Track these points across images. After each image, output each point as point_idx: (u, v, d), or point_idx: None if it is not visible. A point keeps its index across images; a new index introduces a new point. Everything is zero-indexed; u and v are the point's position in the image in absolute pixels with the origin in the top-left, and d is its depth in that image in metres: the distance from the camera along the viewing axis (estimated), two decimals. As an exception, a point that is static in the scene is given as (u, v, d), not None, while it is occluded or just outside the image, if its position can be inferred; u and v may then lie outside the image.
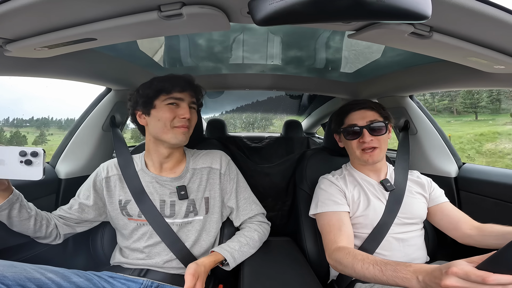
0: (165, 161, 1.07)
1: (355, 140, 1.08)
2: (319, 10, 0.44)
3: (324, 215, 1.06)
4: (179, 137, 0.99)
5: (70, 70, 1.11)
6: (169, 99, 0.99)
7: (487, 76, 1.02)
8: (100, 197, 1.07)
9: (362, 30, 0.69)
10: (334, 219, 1.03)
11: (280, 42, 1.32)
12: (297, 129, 2.87)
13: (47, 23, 0.65)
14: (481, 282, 0.53)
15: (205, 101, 1.68)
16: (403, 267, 0.70)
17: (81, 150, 1.35)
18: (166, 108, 0.99)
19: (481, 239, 0.95)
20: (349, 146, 1.13)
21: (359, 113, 1.09)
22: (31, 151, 0.80)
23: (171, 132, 0.99)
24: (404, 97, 1.58)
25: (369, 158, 1.05)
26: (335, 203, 1.06)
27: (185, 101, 1.01)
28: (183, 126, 1.00)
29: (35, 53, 0.81)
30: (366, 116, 1.08)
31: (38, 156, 0.80)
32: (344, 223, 1.01)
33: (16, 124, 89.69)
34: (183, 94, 1.01)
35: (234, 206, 1.13)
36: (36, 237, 0.99)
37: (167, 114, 0.98)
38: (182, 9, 0.59)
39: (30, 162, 0.80)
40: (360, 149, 1.07)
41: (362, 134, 1.06)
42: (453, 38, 0.70)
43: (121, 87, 1.43)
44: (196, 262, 0.91)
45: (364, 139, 1.05)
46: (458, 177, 1.40)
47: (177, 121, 0.99)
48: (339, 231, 0.98)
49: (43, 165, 0.80)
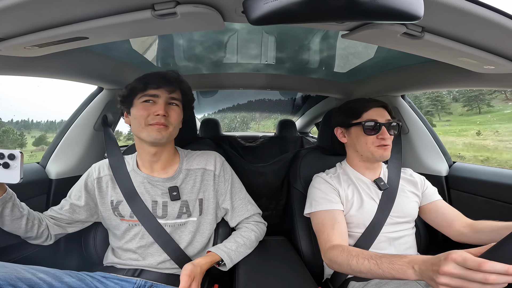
0: (154, 161, 1.05)
1: (372, 136, 1.08)
2: (313, 10, 0.44)
3: (318, 213, 1.06)
4: (153, 135, 0.95)
5: (61, 69, 1.09)
6: (144, 96, 0.98)
7: (478, 76, 1.03)
8: (92, 198, 1.06)
9: (356, 30, 0.70)
10: (327, 217, 1.03)
11: (274, 41, 1.33)
12: (291, 129, 2.88)
13: (38, 21, 0.64)
14: (477, 268, 0.54)
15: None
16: (398, 259, 0.71)
17: (72, 150, 1.33)
18: (141, 106, 0.97)
19: (474, 236, 0.97)
20: (361, 141, 1.10)
21: (379, 110, 1.10)
22: (9, 153, 0.78)
23: (146, 130, 0.96)
24: (396, 97, 1.59)
25: (383, 153, 1.06)
26: (329, 202, 1.06)
27: (161, 98, 0.97)
28: (157, 123, 0.96)
29: (25, 52, 0.79)
30: (385, 114, 1.09)
31: (15, 159, 0.78)
32: (337, 221, 1.02)
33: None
34: (158, 90, 0.98)
35: (229, 207, 1.12)
36: (27, 237, 0.97)
37: (141, 112, 0.96)
38: (176, 8, 0.59)
39: (7, 165, 0.78)
40: (375, 145, 1.07)
41: (381, 131, 1.07)
42: (444, 38, 0.71)
43: (113, 86, 1.41)
44: (192, 262, 0.91)
45: (383, 136, 1.06)
46: (448, 176, 1.42)
47: (151, 118, 0.96)
48: (332, 230, 0.99)
49: (21, 168, 0.79)
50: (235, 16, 0.66)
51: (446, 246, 1.12)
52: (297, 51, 1.44)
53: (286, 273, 0.99)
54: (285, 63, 1.63)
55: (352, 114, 1.13)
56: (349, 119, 1.14)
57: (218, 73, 1.78)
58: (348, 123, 1.14)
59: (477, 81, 1.09)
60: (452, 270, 0.57)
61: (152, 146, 1.01)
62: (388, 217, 1.05)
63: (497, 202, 1.18)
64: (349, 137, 1.16)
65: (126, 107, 1.02)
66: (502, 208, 1.15)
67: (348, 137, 1.17)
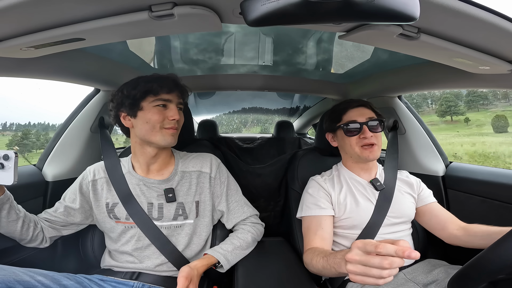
0: (151, 162, 1.05)
1: (354, 136, 1.08)
2: (310, 11, 0.44)
3: (306, 218, 1.09)
4: (168, 139, 0.98)
5: (57, 71, 1.09)
6: (157, 100, 0.96)
7: (473, 76, 1.04)
8: (87, 200, 1.05)
9: (352, 31, 0.71)
10: (313, 223, 1.06)
11: (271, 42, 1.33)
12: (288, 130, 2.88)
13: (34, 22, 0.64)
14: (374, 251, 0.59)
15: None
16: (339, 253, 0.77)
17: (68, 152, 1.32)
18: (155, 110, 0.96)
19: (467, 239, 0.98)
20: (346, 144, 1.12)
21: (358, 110, 1.10)
22: (3, 154, 0.77)
23: (160, 134, 0.97)
24: (393, 97, 1.60)
25: (369, 154, 1.06)
26: (318, 207, 1.08)
27: (173, 102, 0.99)
28: (172, 127, 0.98)
29: (21, 53, 0.79)
30: (365, 113, 1.09)
31: (9, 160, 0.77)
32: (321, 227, 1.04)
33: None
34: (171, 95, 0.99)
35: (225, 209, 1.12)
36: (22, 240, 0.96)
37: (156, 116, 0.95)
38: (173, 9, 0.59)
39: (1, 166, 0.77)
40: (359, 146, 1.08)
41: (362, 130, 1.07)
42: (440, 39, 0.72)
43: (110, 88, 1.40)
44: (189, 265, 0.90)
45: (365, 135, 1.06)
46: (445, 175, 1.43)
47: (166, 122, 0.97)
48: (315, 235, 1.02)
49: (15, 169, 0.77)
50: (233, 17, 0.67)
51: (444, 247, 1.13)
52: (294, 52, 1.44)
53: (284, 274, 0.99)
54: (282, 64, 1.63)
55: (335, 118, 1.15)
56: (333, 123, 1.16)
57: (215, 75, 1.78)
58: (333, 127, 1.16)
59: (472, 82, 1.10)
60: (354, 256, 0.62)
61: (157, 148, 1.02)
62: (385, 218, 1.06)
63: (494, 202, 1.19)
64: (337, 141, 1.19)
65: (131, 109, 0.98)
66: (499, 207, 1.16)
67: (337, 141, 1.19)
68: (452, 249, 1.06)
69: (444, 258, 1.07)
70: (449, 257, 1.12)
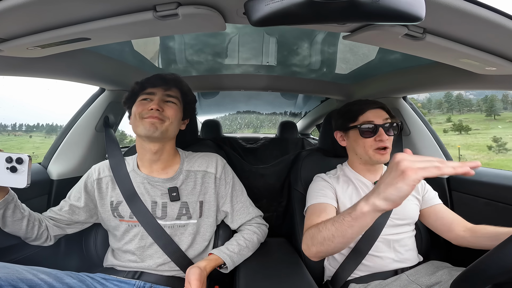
0: (154, 160, 1.05)
1: (370, 138, 1.05)
2: (314, 11, 0.44)
3: (310, 207, 1.06)
4: (147, 127, 0.96)
5: (63, 70, 1.10)
6: (142, 95, 1.03)
7: (479, 77, 1.03)
8: (91, 199, 1.06)
9: (357, 32, 0.70)
10: (317, 208, 1.02)
11: (275, 43, 1.33)
12: (292, 130, 2.88)
13: (40, 22, 0.65)
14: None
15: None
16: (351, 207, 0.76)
17: (73, 151, 1.33)
18: (139, 103, 1.02)
19: (475, 240, 0.96)
20: (359, 145, 1.08)
21: (377, 111, 1.07)
22: (17, 157, 0.77)
23: (141, 124, 0.98)
24: (398, 98, 1.59)
25: (381, 157, 1.04)
26: (323, 196, 1.06)
27: (156, 95, 1.02)
28: (151, 116, 0.98)
29: (28, 53, 0.80)
30: (382, 115, 1.06)
31: (23, 163, 0.77)
32: (326, 211, 1.00)
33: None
34: (155, 89, 1.03)
35: (229, 210, 1.12)
36: (27, 238, 0.97)
37: (138, 108, 1.00)
38: (178, 9, 0.59)
39: (15, 169, 0.77)
40: (373, 149, 1.05)
41: (378, 133, 1.04)
42: (446, 39, 0.71)
43: (115, 87, 1.41)
44: (198, 266, 0.90)
45: (381, 138, 1.03)
46: (450, 177, 1.42)
47: (145, 112, 0.99)
48: (318, 217, 0.97)
49: (28, 172, 0.78)
50: (237, 17, 0.67)
51: (448, 249, 1.12)
52: (298, 52, 1.44)
53: (286, 275, 0.98)
54: (286, 64, 1.63)
55: (350, 117, 1.11)
56: (347, 122, 1.12)
57: (219, 75, 1.78)
58: (346, 126, 1.12)
59: (478, 83, 1.09)
60: (407, 157, 0.62)
61: (150, 142, 1.02)
62: (388, 219, 1.05)
63: (498, 204, 1.17)
64: (348, 140, 1.15)
65: (129, 107, 1.06)
66: (504, 210, 1.15)
67: (347, 140, 1.16)
68: (455, 250, 1.05)
69: (447, 260, 1.07)
70: (452, 259, 1.11)
